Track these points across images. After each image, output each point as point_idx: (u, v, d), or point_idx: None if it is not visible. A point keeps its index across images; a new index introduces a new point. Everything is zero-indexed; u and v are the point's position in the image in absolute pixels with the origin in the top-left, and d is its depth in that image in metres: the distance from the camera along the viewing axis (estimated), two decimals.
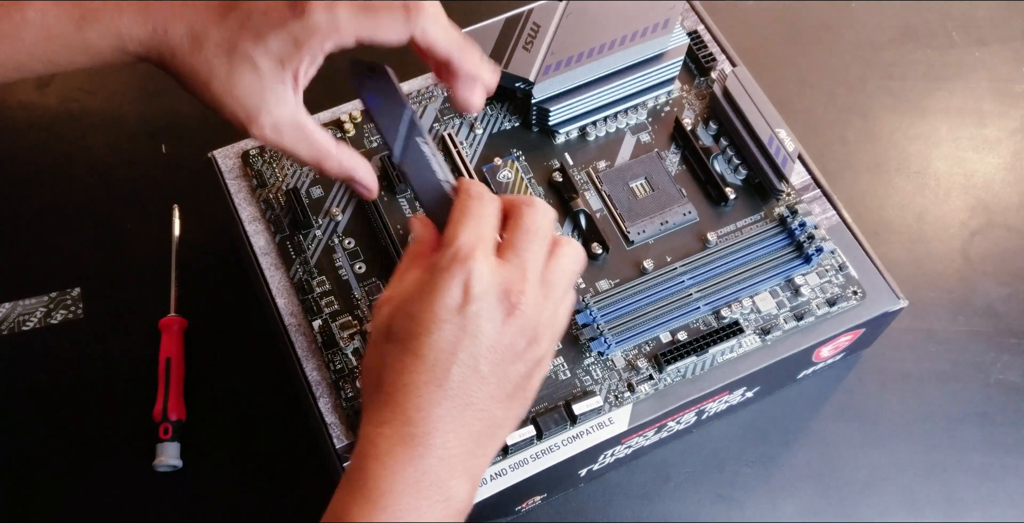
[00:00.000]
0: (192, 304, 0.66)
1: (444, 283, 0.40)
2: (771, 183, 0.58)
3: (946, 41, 0.76)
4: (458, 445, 0.41)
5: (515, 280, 0.41)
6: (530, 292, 0.42)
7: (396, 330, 0.41)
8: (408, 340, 0.41)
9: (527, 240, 0.43)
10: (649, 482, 0.61)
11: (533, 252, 0.43)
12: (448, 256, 0.41)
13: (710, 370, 0.55)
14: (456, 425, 0.41)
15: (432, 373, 0.40)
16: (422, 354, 0.40)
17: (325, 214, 0.59)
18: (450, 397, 0.40)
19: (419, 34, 0.44)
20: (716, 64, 0.63)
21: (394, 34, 0.44)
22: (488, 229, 0.43)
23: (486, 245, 0.42)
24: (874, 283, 0.57)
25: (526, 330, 0.42)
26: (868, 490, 0.61)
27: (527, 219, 0.43)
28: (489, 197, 0.44)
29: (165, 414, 0.61)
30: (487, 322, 0.41)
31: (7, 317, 0.66)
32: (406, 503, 0.40)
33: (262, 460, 0.62)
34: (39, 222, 0.69)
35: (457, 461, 0.41)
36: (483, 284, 0.41)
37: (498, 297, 0.41)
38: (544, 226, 0.44)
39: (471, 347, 0.40)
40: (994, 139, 0.73)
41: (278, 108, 0.44)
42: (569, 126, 0.60)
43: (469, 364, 0.41)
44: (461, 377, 0.40)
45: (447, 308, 0.40)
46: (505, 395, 0.42)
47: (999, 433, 0.63)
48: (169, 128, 0.73)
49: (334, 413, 0.54)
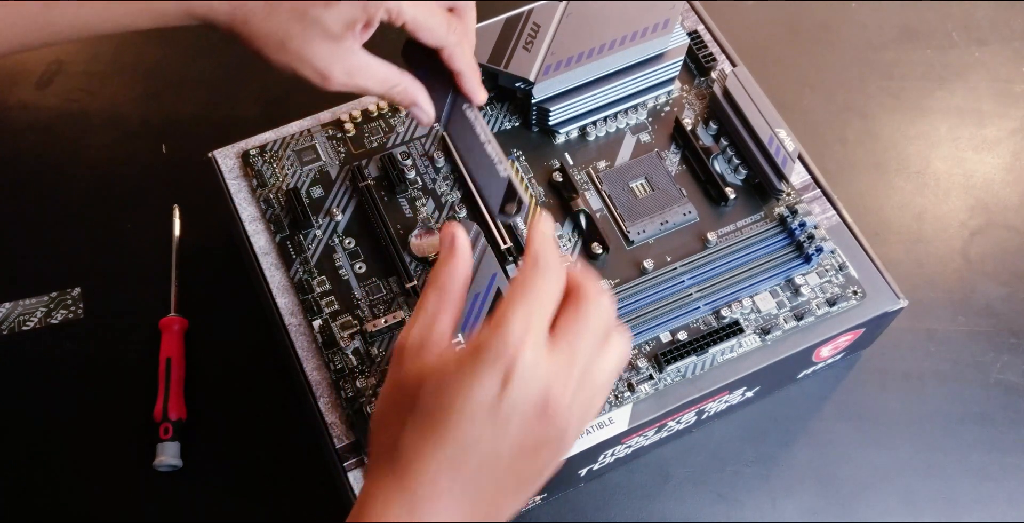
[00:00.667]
0: (192, 304, 0.66)
1: (484, 375, 0.38)
2: (771, 183, 0.58)
3: (946, 41, 0.76)
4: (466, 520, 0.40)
5: (558, 381, 0.39)
6: (570, 394, 0.40)
7: (423, 407, 0.39)
8: (435, 425, 0.39)
9: (584, 336, 0.40)
10: (649, 482, 0.61)
11: (586, 350, 0.40)
12: (495, 344, 0.38)
13: (710, 370, 0.55)
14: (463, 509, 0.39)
15: (450, 461, 0.39)
16: (445, 441, 0.39)
17: (325, 214, 0.59)
18: (460, 484, 0.39)
19: (450, 49, 0.49)
20: (716, 64, 0.63)
21: (432, 39, 0.49)
22: (546, 313, 0.40)
23: (538, 334, 0.39)
24: (874, 283, 0.57)
25: (555, 430, 0.40)
26: (868, 490, 0.61)
27: (592, 313, 0.41)
28: (556, 272, 0.41)
29: (165, 414, 0.61)
30: (518, 423, 0.39)
31: (7, 317, 0.66)
32: None
33: (262, 460, 0.62)
34: (39, 222, 0.69)
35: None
36: (524, 382, 0.38)
37: (536, 398, 0.39)
38: (605, 323, 0.41)
39: (495, 445, 0.39)
40: (994, 139, 0.73)
41: (348, 60, 0.47)
42: (569, 126, 0.60)
43: (488, 461, 0.39)
44: (476, 470, 0.39)
45: (482, 403, 0.38)
46: (514, 489, 0.41)
47: (999, 433, 0.63)
48: (169, 128, 0.73)
49: (334, 413, 0.54)
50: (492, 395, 0.38)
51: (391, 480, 0.39)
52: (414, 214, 0.59)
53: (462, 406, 0.38)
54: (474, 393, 0.38)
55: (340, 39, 0.46)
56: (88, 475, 0.61)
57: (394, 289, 0.57)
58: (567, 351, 0.40)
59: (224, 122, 0.72)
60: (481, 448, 0.39)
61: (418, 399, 0.39)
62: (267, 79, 0.74)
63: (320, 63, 0.47)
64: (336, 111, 0.62)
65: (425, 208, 0.59)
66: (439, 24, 0.49)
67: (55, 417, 0.63)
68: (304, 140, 0.61)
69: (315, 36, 0.46)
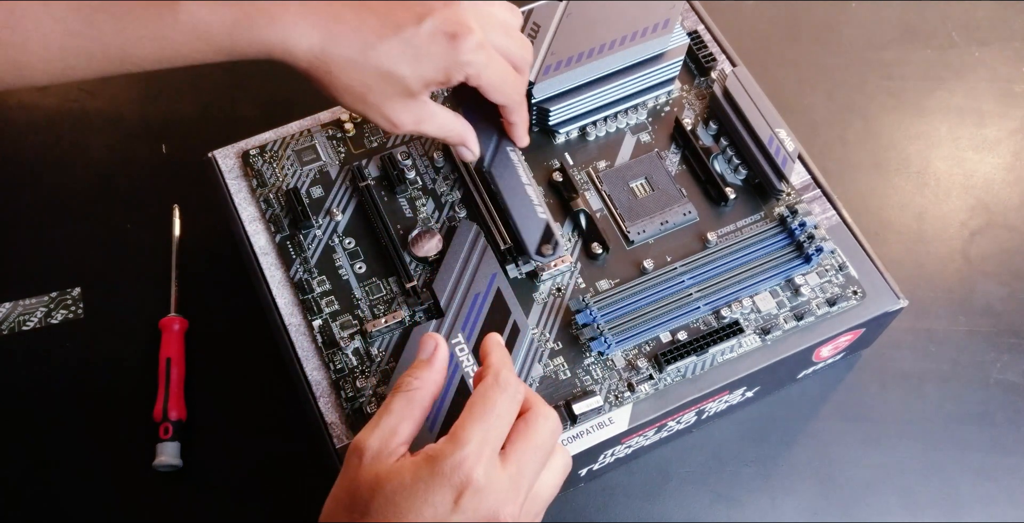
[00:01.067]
0: (192, 304, 0.66)
1: (438, 489, 0.40)
2: (771, 183, 0.58)
3: (946, 41, 0.76)
4: None
5: (508, 499, 0.41)
6: (517, 510, 0.42)
7: (375, 511, 0.40)
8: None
9: (533, 456, 0.43)
10: (649, 482, 0.61)
11: (533, 469, 0.43)
12: (451, 460, 0.40)
13: (710, 370, 0.55)
14: None
15: None
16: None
17: (325, 214, 0.59)
18: None
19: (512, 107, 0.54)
20: (716, 64, 0.63)
21: (501, 98, 0.52)
22: (502, 430, 0.43)
23: (493, 450, 0.42)
24: (874, 283, 0.57)
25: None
26: (868, 490, 0.61)
27: (541, 430, 0.44)
28: (514, 390, 0.44)
29: (165, 414, 0.61)
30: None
31: (7, 317, 0.66)
32: None
33: (262, 460, 0.62)
34: (39, 222, 0.69)
35: None
36: (476, 500, 0.40)
37: (486, 515, 0.40)
38: (551, 442, 0.44)
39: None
40: (994, 139, 0.73)
41: (419, 111, 0.50)
42: (569, 126, 0.60)
43: None
44: None
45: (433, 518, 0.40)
46: None
47: (999, 433, 0.63)
48: (169, 128, 0.73)
49: (334, 413, 0.54)
50: (445, 510, 0.40)
51: None
52: (414, 214, 0.59)
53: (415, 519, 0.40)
54: (427, 507, 0.40)
55: (417, 96, 0.49)
56: (88, 475, 0.61)
57: (394, 289, 0.57)
58: (516, 467, 0.42)
59: (224, 122, 0.72)
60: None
61: (370, 506, 0.40)
62: (267, 79, 0.74)
63: (393, 114, 0.49)
64: (336, 111, 0.62)
65: (425, 208, 0.59)
66: (511, 86, 0.51)
67: (55, 417, 0.63)
68: (304, 140, 0.61)
69: (395, 93, 0.48)
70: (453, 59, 0.47)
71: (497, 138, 0.57)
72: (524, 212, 0.55)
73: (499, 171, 0.56)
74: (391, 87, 0.48)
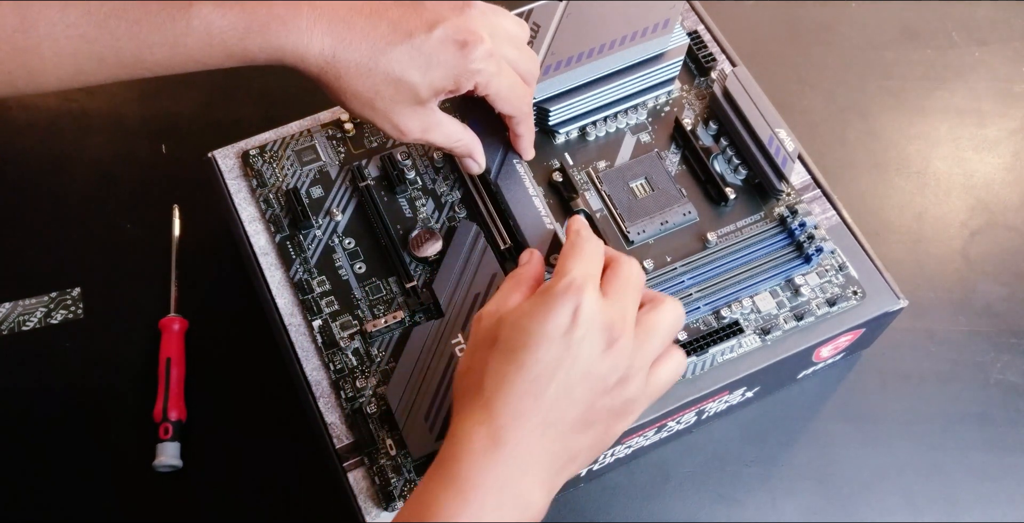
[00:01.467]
0: (192, 304, 0.66)
1: (558, 306, 0.44)
2: (771, 183, 0.58)
3: (946, 41, 0.76)
4: (539, 459, 0.43)
5: (616, 319, 0.45)
6: (628, 334, 0.45)
7: (504, 340, 0.44)
8: (516, 351, 0.44)
9: (625, 289, 0.46)
10: (649, 482, 0.61)
11: (630, 300, 0.46)
12: (563, 283, 0.44)
13: (710, 370, 0.55)
14: (544, 439, 0.43)
15: (532, 385, 0.43)
16: (526, 367, 0.43)
17: (325, 214, 0.59)
18: (543, 411, 0.43)
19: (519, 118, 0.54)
20: (716, 64, 0.63)
21: (509, 109, 0.52)
22: (596, 268, 0.47)
23: (594, 282, 0.45)
24: (874, 283, 0.57)
25: (619, 367, 0.44)
26: (868, 490, 0.61)
27: (624, 270, 0.47)
28: (596, 241, 0.48)
29: (165, 414, 0.61)
30: (588, 349, 0.44)
31: (7, 317, 0.66)
32: (491, 501, 0.42)
33: (262, 460, 0.62)
34: (39, 222, 0.69)
35: (539, 472, 0.43)
36: (590, 313, 0.44)
37: (601, 329, 0.44)
38: (637, 278, 0.47)
39: (570, 368, 0.43)
40: (994, 139, 0.73)
41: (426, 119, 0.50)
42: (569, 126, 0.60)
43: (565, 383, 0.43)
44: (555, 395, 0.43)
45: (557, 329, 0.43)
46: (586, 424, 0.44)
47: (999, 433, 0.63)
48: (169, 128, 0.73)
49: (334, 413, 0.54)
50: (565, 325, 0.43)
51: (475, 412, 0.43)
52: (414, 214, 0.59)
53: (540, 336, 0.43)
54: (549, 324, 0.43)
55: (425, 103, 0.49)
56: (88, 475, 0.61)
57: (394, 289, 0.57)
58: (619, 301, 0.46)
59: (224, 122, 0.72)
60: (558, 376, 0.43)
61: (499, 335, 0.45)
62: (267, 79, 0.74)
63: (401, 121, 0.50)
64: (336, 111, 0.62)
65: (425, 208, 0.59)
66: (519, 98, 0.52)
67: (55, 417, 0.63)
68: (304, 140, 0.61)
69: (404, 100, 0.48)
70: (463, 67, 0.47)
71: (503, 150, 0.57)
72: (532, 222, 0.55)
73: (506, 183, 0.56)
74: (400, 94, 0.48)
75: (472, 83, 0.49)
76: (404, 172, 0.59)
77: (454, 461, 0.42)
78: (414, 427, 0.51)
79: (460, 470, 0.42)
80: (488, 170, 0.56)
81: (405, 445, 0.52)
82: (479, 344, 0.46)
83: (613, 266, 0.48)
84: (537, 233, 0.55)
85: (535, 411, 0.43)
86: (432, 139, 0.52)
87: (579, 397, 0.44)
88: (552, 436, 0.43)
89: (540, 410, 0.43)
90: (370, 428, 0.53)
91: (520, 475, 0.42)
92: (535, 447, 0.43)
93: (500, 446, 0.42)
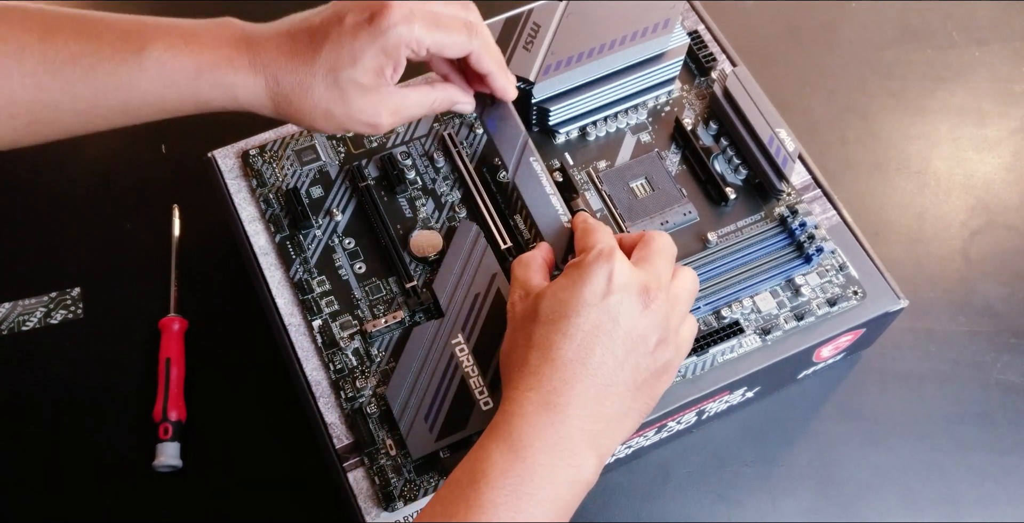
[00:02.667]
0: (192, 304, 0.66)
1: (592, 274, 0.46)
2: (771, 183, 0.58)
3: (946, 41, 0.76)
4: (591, 421, 0.45)
5: (651, 281, 0.47)
6: (663, 296, 0.47)
7: (545, 313, 0.47)
8: (558, 321, 0.46)
9: (658, 257, 0.49)
10: (649, 482, 0.61)
11: (663, 266, 0.49)
12: (593, 254, 0.47)
13: (710, 370, 0.55)
14: (592, 401, 0.45)
15: (577, 351, 0.45)
16: (570, 334, 0.45)
17: (325, 214, 0.59)
18: (590, 375, 0.45)
19: (477, 52, 0.51)
20: (716, 64, 0.63)
21: (458, 50, 0.50)
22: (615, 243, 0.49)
23: (620, 251, 0.48)
24: (874, 283, 0.57)
25: (658, 327, 0.47)
26: (868, 490, 0.61)
27: (658, 241, 0.50)
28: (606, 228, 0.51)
29: (165, 414, 0.61)
30: (627, 310, 0.46)
31: (7, 317, 0.66)
32: (543, 459, 0.43)
33: (262, 460, 0.62)
34: (39, 222, 0.69)
35: (589, 435, 0.45)
36: (624, 277, 0.46)
37: (637, 291, 0.46)
38: (670, 248, 0.50)
39: (612, 330, 0.46)
40: (994, 139, 0.73)
41: (389, 103, 0.50)
42: (569, 126, 0.60)
43: (608, 346, 0.45)
44: (601, 357, 0.45)
45: (594, 294, 0.46)
46: (635, 384, 0.46)
47: (999, 433, 0.63)
48: (169, 128, 0.72)
49: (334, 413, 0.54)
50: (601, 290, 0.46)
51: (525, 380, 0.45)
52: (414, 214, 0.59)
53: (580, 303, 0.46)
54: (586, 292, 0.46)
55: (376, 88, 0.49)
56: (88, 475, 0.61)
57: (394, 289, 0.57)
58: (651, 267, 0.48)
59: (224, 122, 0.72)
60: (601, 339, 0.45)
61: (538, 310, 0.47)
62: None
63: (366, 117, 0.50)
64: None
65: (425, 208, 0.59)
66: (459, 33, 0.50)
67: (55, 417, 0.63)
68: (304, 140, 0.61)
69: (353, 95, 0.49)
70: (382, 40, 0.47)
71: (520, 149, 0.57)
72: (550, 221, 0.55)
73: (523, 182, 0.56)
74: (346, 92, 0.48)
75: (406, 49, 0.48)
76: (404, 172, 0.59)
77: (506, 423, 0.44)
78: (414, 427, 0.51)
79: (512, 429, 0.44)
80: (505, 167, 0.56)
81: (405, 445, 0.52)
82: (519, 323, 0.48)
83: (645, 239, 0.50)
84: (555, 231, 0.55)
85: (583, 375, 0.45)
86: (410, 115, 0.51)
87: (624, 359, 0.46)
88: (601, 398, 0.45)
89: (587, 374, 0.45)
90: (370, 428, 0.53)
91: (571, 437, 0.44)
92: (586, 410, 0.45)
93: (551, 409, 0.44)
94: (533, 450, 0.43)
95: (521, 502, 0.42)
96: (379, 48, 0.47)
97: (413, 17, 0.48)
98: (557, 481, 0.44)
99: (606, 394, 0.45)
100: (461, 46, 0.50)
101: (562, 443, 0.44)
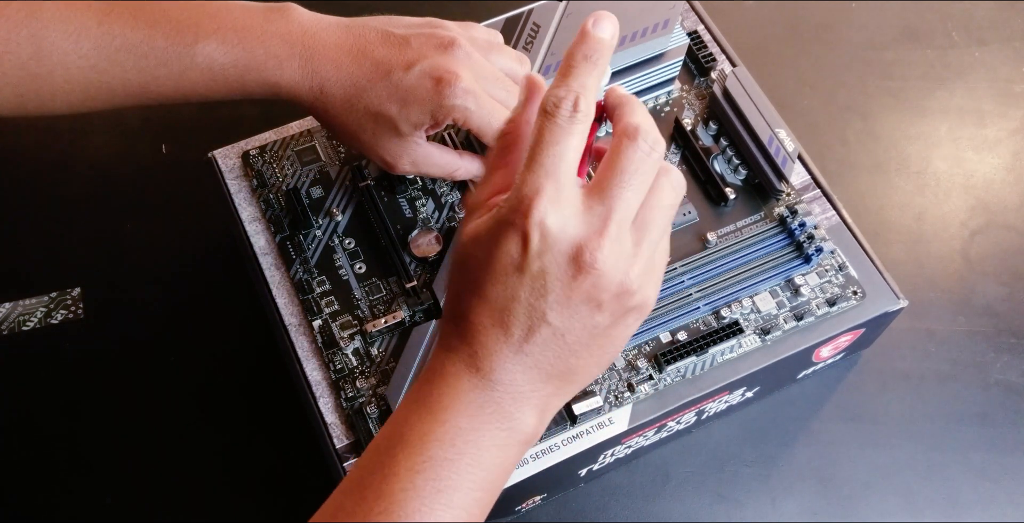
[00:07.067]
0: (192, 305, 0.66)
1: (501, 238, 0.38)
2: (771, 183, 0.58)
3: (946, 41, 0.76)
4: (527, 384, 0.40)
5: (590, 236, 0.38)
6: (608, 248, 0.38)
7: (468, 267, 0.40)
8: (475, 282, 0.40)
9: (620, 184, 0.38)
10: (649, 482, 0.61)
11: (624, 199, 0.38)
12: (509, 205, 0.38)
13: (710, 370, 0.55)
14: (525, 368, 0.40)
15: (498, 318, 0.39)
16: (489, 299, 0.39)
17: (325, 214, 0.59)
18: (515, 343, 0.39)
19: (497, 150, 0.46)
20: (716, 64, 0.63)
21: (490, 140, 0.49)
22: (566, 164, 0.38)
23: (556, 190, 0.38)
24: (874, 283, 0.57)
25: (605, 286, 0.39)
26: (868, 490, 0.61)
27: (626, 157, 0.38)
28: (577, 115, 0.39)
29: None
30: (553, 281, 0.38)
31: (7, 317, 0.66)
32: (465, 421, 0.40)
33: (262, 460, 0.62)
34: (39, 222, 0.69)
35: (525, 397, 0.40)
36: (545, 243, 0.38)
37: (566, 257, 0.38)
38: (646, 167, 0.39)
39: (536, 303, 0.39)
40: (994, 139, 0.73)
41: (413, 152, 0.52)
42: None
43: (535, 317, 0.39)
44: (527, 328, 0.39)
45: (504, 266, 0.39)
46: (584, 344, 0.40)
47: (999, 433, 0.63)
48: (169, 128, 0.73)
49: (334, 413, 0.54)
50: (514, 261, 0.38)
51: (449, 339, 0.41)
52: (414, 214, 0.59)
53: (492, 272, 0.39)
54: (496, 261, 0.39)
55: (408, 137, 0.51)
56: (88, 475, 0.61)
57: (394, 289, 0.57)
58: (606, 202, 0.38)
59: (224, 122, 0.72)
60: (523, 310, 0.39)
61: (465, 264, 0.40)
62: None
63: (387, 155, 0.52)
64: None
65: (425, 208, 0.59)
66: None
67: (55, 417, 0.63)
68: (304, 140, 0.61)
69: (386, 133, 0.51)
70: (438, 103, 0.49)
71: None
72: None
73: None
74: (380, 127, 0.50)
75: (450, 118, 0.49)
76: None
77: (426, 384, 0.41)
78: None
79: (431, 392, 0.40)
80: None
81: None
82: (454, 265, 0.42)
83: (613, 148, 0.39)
84: None
85: (506, 344, 0.40)
86: (426, 171, 0.54)
87: (561, 324, 0.39)
88: (543, 361, 0.40)
89: (512, 343, 0.39)
90: (370, 428, 0.53)
91: (498, 400, 0.40)
92: (517, 376, 0.40)
93: (475, 374, 0.40)
94: (454, 412, 0.40)
95: (442, 469, 0.39)
96: (430, 111, 0.49)
97: (479, 104, 0.49)
98: (483, 445, 0.40)
99: (542, 357, 0.40)
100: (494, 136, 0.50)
101: (489, 406, 0.40)
